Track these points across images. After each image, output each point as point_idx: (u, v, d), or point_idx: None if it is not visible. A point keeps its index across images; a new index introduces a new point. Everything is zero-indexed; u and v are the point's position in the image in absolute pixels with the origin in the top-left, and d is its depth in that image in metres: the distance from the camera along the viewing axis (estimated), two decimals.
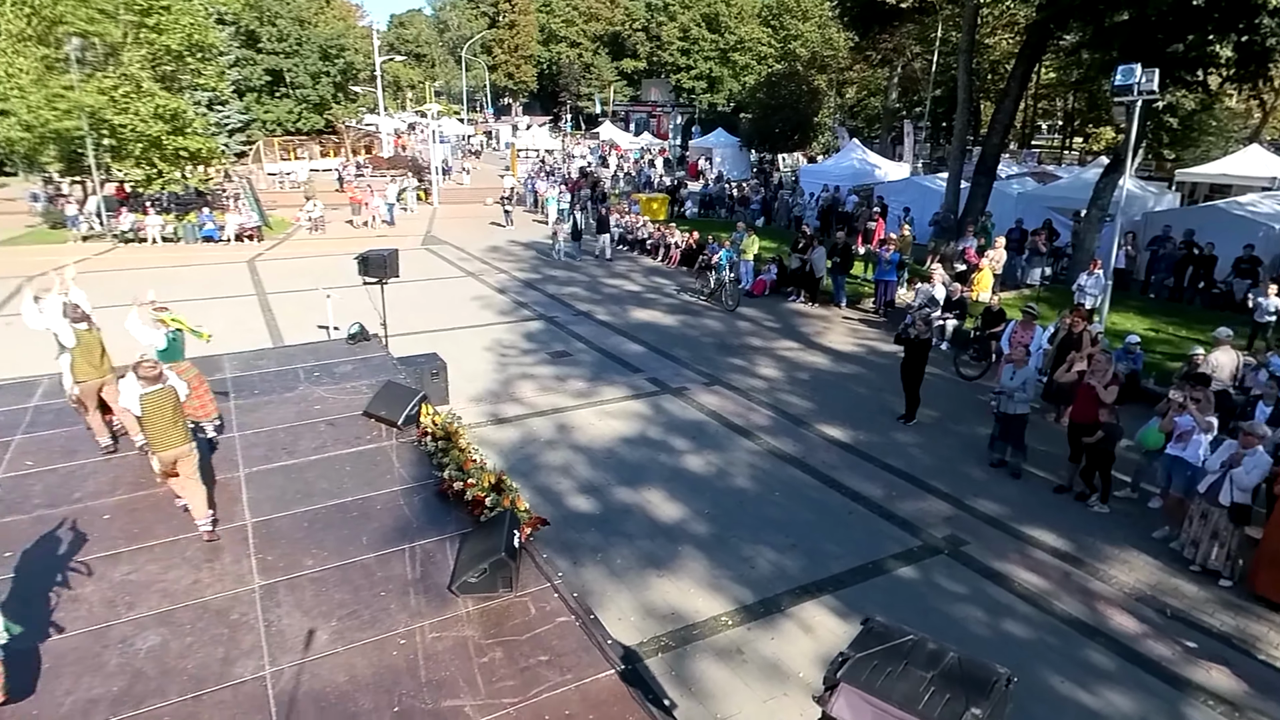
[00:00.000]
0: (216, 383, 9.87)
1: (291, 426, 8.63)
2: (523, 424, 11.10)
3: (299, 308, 16.55)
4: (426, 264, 21.98)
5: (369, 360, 10.74)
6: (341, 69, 55.03)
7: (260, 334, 15.01)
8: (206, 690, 4.83)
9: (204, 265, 21.69)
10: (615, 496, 9.10)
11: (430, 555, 6.25)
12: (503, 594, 5.69)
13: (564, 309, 17.55)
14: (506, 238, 26.61)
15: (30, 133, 24.68)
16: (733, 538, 8.25)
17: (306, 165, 42.80)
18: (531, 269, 21.85)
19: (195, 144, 26.91)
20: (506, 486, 6.93)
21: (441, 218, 31.28)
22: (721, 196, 32.43)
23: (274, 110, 51.50)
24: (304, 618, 5.50)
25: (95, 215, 25.66)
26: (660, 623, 6.91)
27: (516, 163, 45.74)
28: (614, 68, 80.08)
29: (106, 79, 24.67)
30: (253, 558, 6.20)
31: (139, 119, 24.86)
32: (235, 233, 25.22)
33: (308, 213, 27.58)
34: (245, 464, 7.73)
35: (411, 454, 7.95)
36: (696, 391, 12.50)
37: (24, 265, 20.72)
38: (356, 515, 6.83)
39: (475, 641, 5.28)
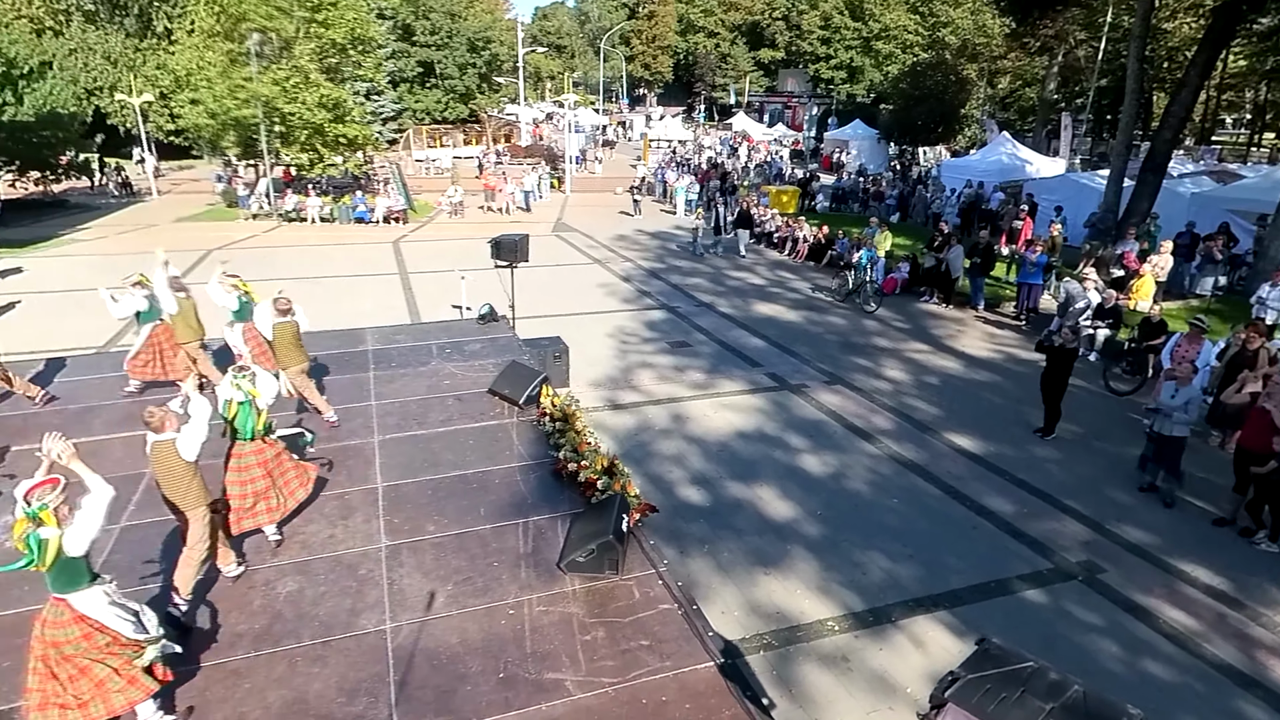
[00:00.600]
0: (358, 354, 10.61)
1: (423, 399, 9.13)
2: (639, 411, 11.22)
3: (436, 287, 17.44)
4: (556, 250, 22.60)
5: (496, 340, 11.18)
6: (487, 60, 57.28)
7: (400, 311, 15.94)
8: (334, 637, 5.22)
9: (355, 245, 23.26)
10: (726, 490, 9.05)
11: (542, 532, 6.45)
12: (608, 576, 5.80)
13: (686, 300, 17.57)
14: (634, 227, 26.91)
15: (214, 120, 27.41)
16: (845, 542, 8.01)
17: (450, 153, 44.96)
18: (656, 258, 22.00)
19: (353, 131, 28.93)
20: (619, 471, 7.04)
21: (572, 206, 32.05)
22: (855, 190, 31.39)
23: (423, 100, 54.34)
24: (423, 579, 5.83)
25: (264, 196, 28.08)
26: (764, 621, 6.82)
27: (648, 153, 46.13)
28: (751, 58, 79.04)
29: (280, 71, 26.90)
30: (381, 519, 6.62)
31: (305, 108, 27.00)
32: (384, 215, 26.87)
33: (449, 198, 28.99)
34: (380, 431, 8.26)
35: (530, 433, 8.22)
36: (816, 390, 12.19)
37: (203, 239, 23.04)
38: (476, 487, 7.14)
39: (579, 619, 5.41)
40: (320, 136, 28.22)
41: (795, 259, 22.04)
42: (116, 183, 32.87)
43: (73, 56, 37.48)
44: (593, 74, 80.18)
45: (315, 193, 27.98)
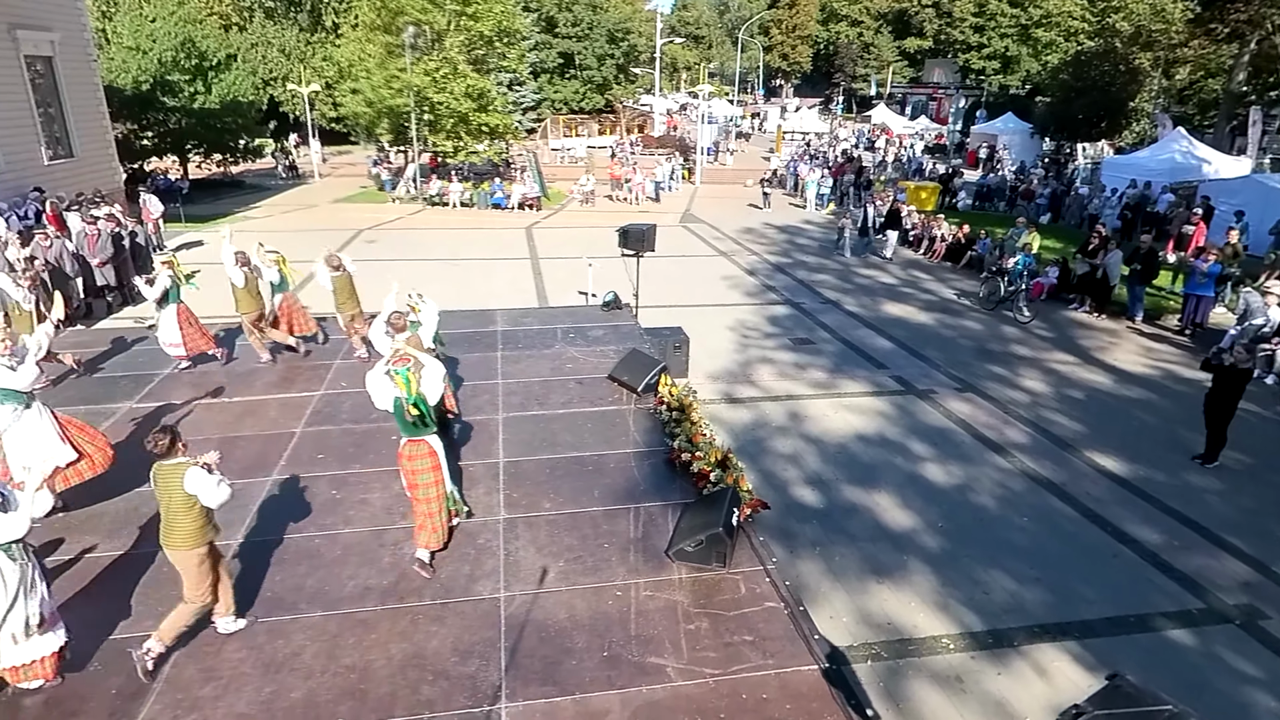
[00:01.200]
0: (488, 335, 11.09)
1: (545, 381, 9.45)
2: (756, 406, 11.11)
3: (564, 273, 17.93)
4: (682, 241, 22.67)
5: (619, 328, 11.38)
6: (625, 52, 58.12)
7: (529, 294, 16.51)
8: (452, 600, 5.52)
9: (491, 229, 24.28)
10: (842, 493, 8.82)
11: (652, 518, 6.53)
12: (715, 568, 5.80)
13: (812, 296, 17.19)
14: (762, 220, 26.56)
15: (371, 108, 29.38)
16: (966, 557, 7.62)
17: (585, 142, 45.97)
18: (783, 253, 21.63)
19: (495, 120, 30.19)
20: (732, 465, 7.02)
21: (702, 197, 32.01)
22: (1002, 188, 29.55)
23: (562, 90, 55.85)
24: (537, 554, 6.05)
25: (411, 180, 29.80)
26: (874, 631, 6.62)
27: (781, 145, 45.34)
28: (895, 47, 75.85)
29: (430, 62, 28.42)
30: (501, 493, 6.92)
31: (453, 97, 28.41)
32: (519, 201, 27.88)
33: (580, 186, 29.69)
34: (504, 409, 8.62)
35: (646, 420, 8.33)
36: (946, 396, 11.63)
37: (355, 220, 24.75)
38: (591, 470, 7.33)
39: (684, 608, 5.45)
40: (465, 125, 29.63)
41: (931, 258, 21.05)
42: (284, 165, 35.85)
43: (253, 50, 41.13)
44: (729, 65, 79.49)
45: (457, 179, 29.39)
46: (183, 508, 4.68)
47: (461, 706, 4.60)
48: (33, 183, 16.66)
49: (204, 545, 4.80)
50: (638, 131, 51.22)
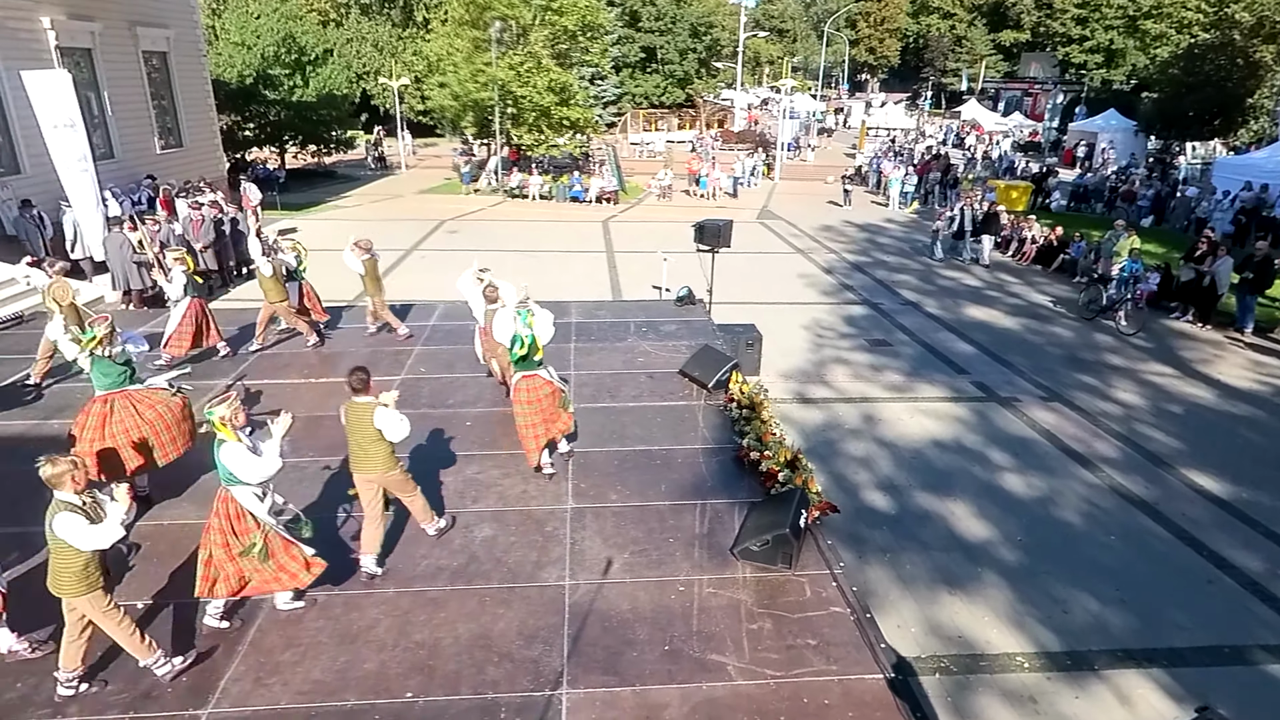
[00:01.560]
0: (562, 326, 11.21)
1: (617, 374, 9.52)
2: (828, 408, 10.92)
3: (639, 267, 18.01)
4: (759, 237, 22.44)
5: (691, 323, 11.36)
6: (707, 46, 57.72)
7: (604, 287, 16.66)
8: (519, 585, 5.64)
9: (569, 222, 24.58)
10: (915, 500, 8.58)
11: (718, 515, 6.51)
12: (781, 569, 5.74)
13: (891, 296, 16.75)
14: (842, 217, 26.02)
15: (456, 101, 30.11)
16: (1046, 574, 7.31)
17: (664, 136, 45.97)
18: (861, 251, 21.15)
19: (576, 114, 30.51)
20: (801, 465, 6.92)
21: (780, 193, 31.58)
22: (1100, 188, 28.07)
23: (643, 85, 55.92)
24: (603, 545, 6.11)
25: (493, 173, 30.42)
26: (944, 643, 6.43)
27: (864, 141, 44.28)
28: (990, 40, 72.91)
29: (515, 56, 28.93)
30: (570, 482, 7.02)
31: (536, 91, 28.85)
32: (596, 195, 28.12)
33: (658, 180, 29.72)
34: (576, 399, 8.69)
35: (716, 417, 8.29)
36: (1030, 405, 11.16)
37: (438, 210, 25.46)
38: (659, 464, 7.35)
39: (747, 607, 5.42)
40: (547, 118, 30.06)
41: (1020, 261, 20.20)
42: (374, 157, 37.15)
43: (349, 45, 42.73)
44: (813, 59, 78.03)
45: (537, 171, 29.85)
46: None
47: (524, 689, 4.70)
48: (146, 170, 17.78)
49: (397, 468, 5.79)
50: (717, 126, 50.90)
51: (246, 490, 4.98)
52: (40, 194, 14.43)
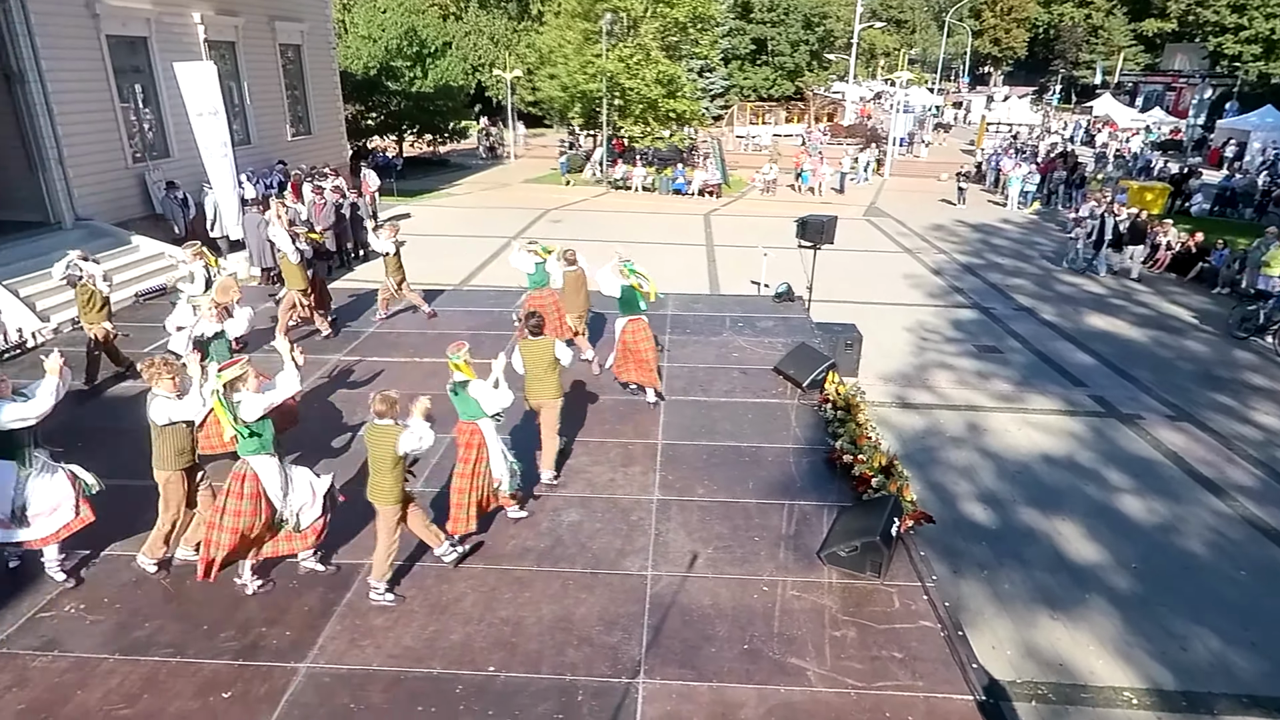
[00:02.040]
0: (658, 318, 11.24)
1: (710, 368, 9.46)
2: (929, 414, 10.50)
3: (738, 261, 17.83)
4: (864, 235, 21.78)
5: (789, 320, 11.15)
6: (820, 37, 56.36)
7: (701, 280, 16.59)
8: (601, 570, 5.71)
9: (670, 214, 24.60)
10: (1018, 516, 8.14)
11: (806, 517, 6.37)
12: (868, 577, 5.57)
13: (1003, 300, 15.92)
14: (954, 217, 24.91)
15: (565, 92, 30.63)
16: (1162, 606, 6.79)
17: (771, 130, 45.25)
18: (974, 252, 20.17)
19: (683, 106, 30.47)
20: (897, 472, 6.68)
21: (889, 190, 30.53)
22: (1250, 192, 25.67)
23: (752, 77, 55.18)
24: (687, 538, 6.10)
25: (597, 164, 30.78)
26: (1042, 669, 6.08)
27: (983, 137, 42.15)
28: (1130, 30, 67.80)
29: (625, 48, 29.12)
30: (657, 473, 7.04)
31: (644, 83, 28.98)
32: (699, 188, 28.00)
33: (762, 175, 29.31)
34: (667, 391, 8.72)
35: (809, 417, 8.11)
36: (1154, 424, 10.37)
37: (541, 200, 26.01)
38: (748, 461, 7.26)
39: (832, 613, 5.28)
40: (653, 110, 30.15)
41: (1153, 268, 18.74)
42: (485, 147, 38.31)
43: (466, 38, 44.16)
44: (933, 50, 74.77)
45: (641, 163, 30.01)
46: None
47: (602, 675, 4.75)
48: (277, 156, 18.97)
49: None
50: (826, 120, 49.65)
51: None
52: (185, 176, 15.65)
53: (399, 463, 5.16)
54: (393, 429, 5.12)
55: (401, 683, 4.69)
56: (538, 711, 4.49)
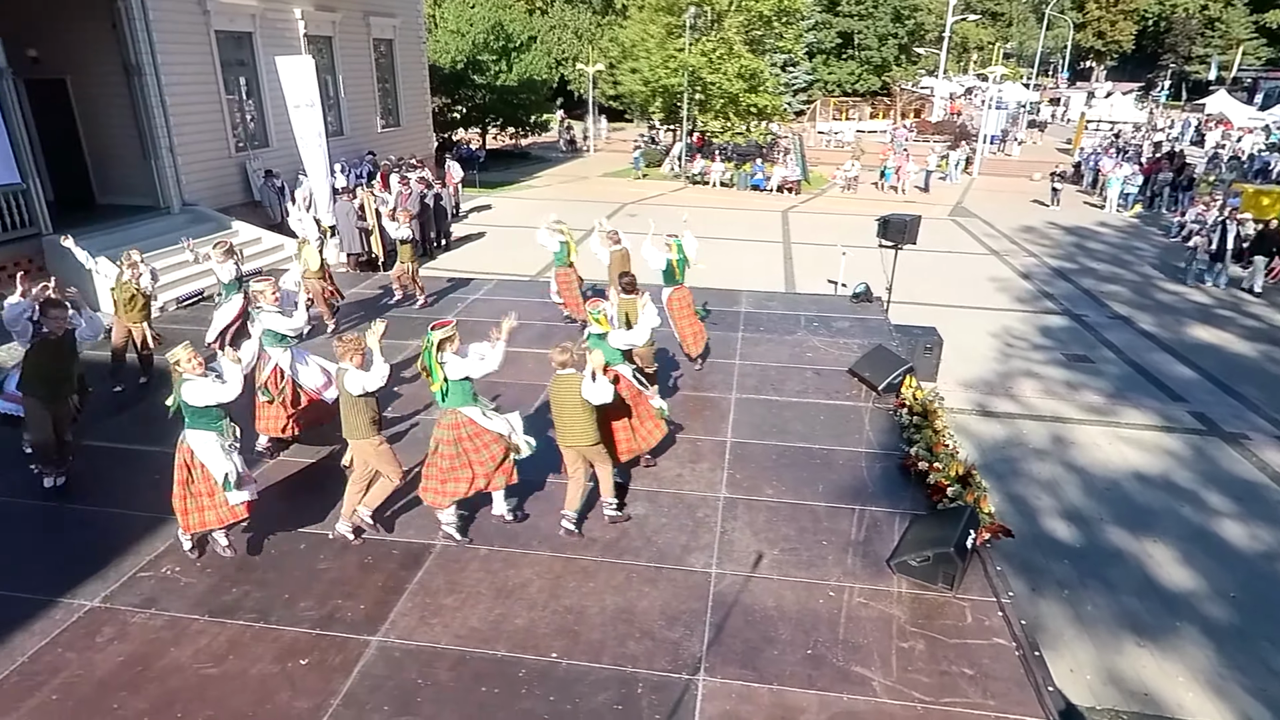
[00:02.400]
0: (731, 314, 11.17)
1: (783, 367, 9.33)
2: (1012, 424, 10.09)
3: (815, 260, 17.52)
4: (949, 235, 21.06)
5: (866, 321, 10.90)
6: (910, 31, 54.73)
7: (777, 278, 16.37)
8: (665, 566, 5.71)
9: (746, 210, 24.36)
10: (1105, 536, 7.74)
11: (876, 523, 6.22)
12: (940, 589, 5.39)
13: (1097, 308, 15.14)
14: (1047, 218, 23.81)
15: (646, 87, 30.66)
16: (1264, 639, 6.34)
17: (854, 126, 44.23)
18: (1067, 256, 19.24)
19: (764, 101, 30.08)
20: (974, 482, 6.44)
21: (977, 189, 29.42)
22: None
23: (837, 72, 54.08)
24: (753, 537, 6.04)
25: (676, 158, 30.72)
26: (1125, 698, 5.78)
27: (1081, 135, 40.12)
28: (1251, 21, 63.29)
29: (708, 43, 28.93)
30: (725, 471, 6.99)
31: (725, 78, 28.73)
32: (778, 184, 27.62)
33: (844, 172, 28.68)
34: (738, 389, 8.67)
35: (884, 421, 7.91)
36: (1261, 445, 9.69)
37: (619, 193, 26.15)
38: (818, 463, 7.13)
39: (900, 624, 5.15)
40: (734, 105, 29.87)
41: (1269, 278, 17.46)
42: (565, 140, 38.76)
43: (551, 32, 44.74)
44: (1030, 44, 71.54)
45: (720, 158, 29.80)
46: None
47: (662, 669, 4.76)
48: (367, 147, 19.67)
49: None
50: (913, 116, 48.19)
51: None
52: (282, 165, 16.41)
53: (585, 406, 5.72)
54: (575, 378, 5.73)
55: (467, 662, 4.81)
56: (598, 700, 4.53)
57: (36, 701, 4.48)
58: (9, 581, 5.42)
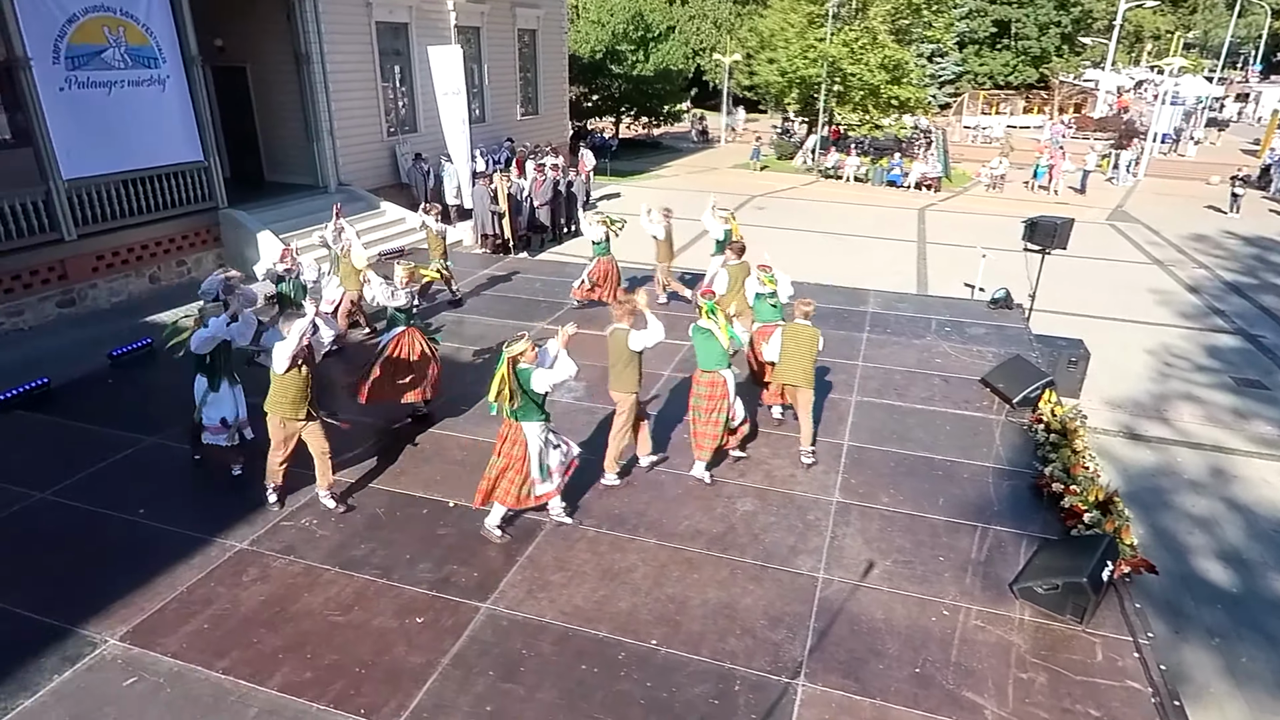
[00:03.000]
0: (857, 314, 10.81)
1: (908, 371, 8.95)
2: (1164, 450, 9.24)
3: (950, 261, 16.66)
4: (1105, 241, 19.45)
5: (1004, 329, 10.26)
6: (1075, 19, 50.70)
7: (908, 278, 15.69)
8: (771, 565, 5.63)
9: (880, 207, 23.47)
10: (1270, 583, 6.96)
11: (1001, 544, 5.87)
12: (1069, 621, 5.02)
13: (1278, 329, 13.56)
14: (1223, 227, 21.53)
15: (783, 78, 30.05)
16: None
17: (1005, 121, 41.59)
18: (1245, 269, 17.32)
19: (907, 94, 28.81)
20: (1116, 510, 5.94)
21: (1142, 192, 26.98)
22: None
23: (989, 63, 50.88)
24: (865, 546, 5.85)
25: (809, 151, 30.00)
26: None
27: (1272, 136, 35.88)
28: None
29: (851, 32, 27.98)
30: (840, 475, 6.80)
31: (867, 69, 27.71)
32: (916, 180, 26.40)
33: (990, 169, 27.05)
34: (859, 392, 8.39)
35: (1016, 437, 7.44)
36: None
37: (748, 185, 25.83)
38: (941, 475, 6.81)
39: (1019, 652, 4.84)
40: (874, 97, 28.79)
41: None
42: (697, 130, 38.68)
43: (690, 22, 44.68)
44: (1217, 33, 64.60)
45: (856, 152, 28.83)
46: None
47: (761, 669, 4.70)
48: (507, 134, 20.40)
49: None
50: (1073, 111, 44.72)
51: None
52: (427, 150, 17.30)
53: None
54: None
55: (569, 639, 4.93)
56: (694, 692, 4.54)
57: (191, 629, 4.98)
58: (177, 520, 6.05)
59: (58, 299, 11.37)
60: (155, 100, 12.22)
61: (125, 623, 5.01)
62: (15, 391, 7.86)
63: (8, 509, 6.21)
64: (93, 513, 6.16)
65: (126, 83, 11.77)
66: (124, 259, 12.14)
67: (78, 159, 11.22)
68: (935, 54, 38.04)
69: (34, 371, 8.34)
